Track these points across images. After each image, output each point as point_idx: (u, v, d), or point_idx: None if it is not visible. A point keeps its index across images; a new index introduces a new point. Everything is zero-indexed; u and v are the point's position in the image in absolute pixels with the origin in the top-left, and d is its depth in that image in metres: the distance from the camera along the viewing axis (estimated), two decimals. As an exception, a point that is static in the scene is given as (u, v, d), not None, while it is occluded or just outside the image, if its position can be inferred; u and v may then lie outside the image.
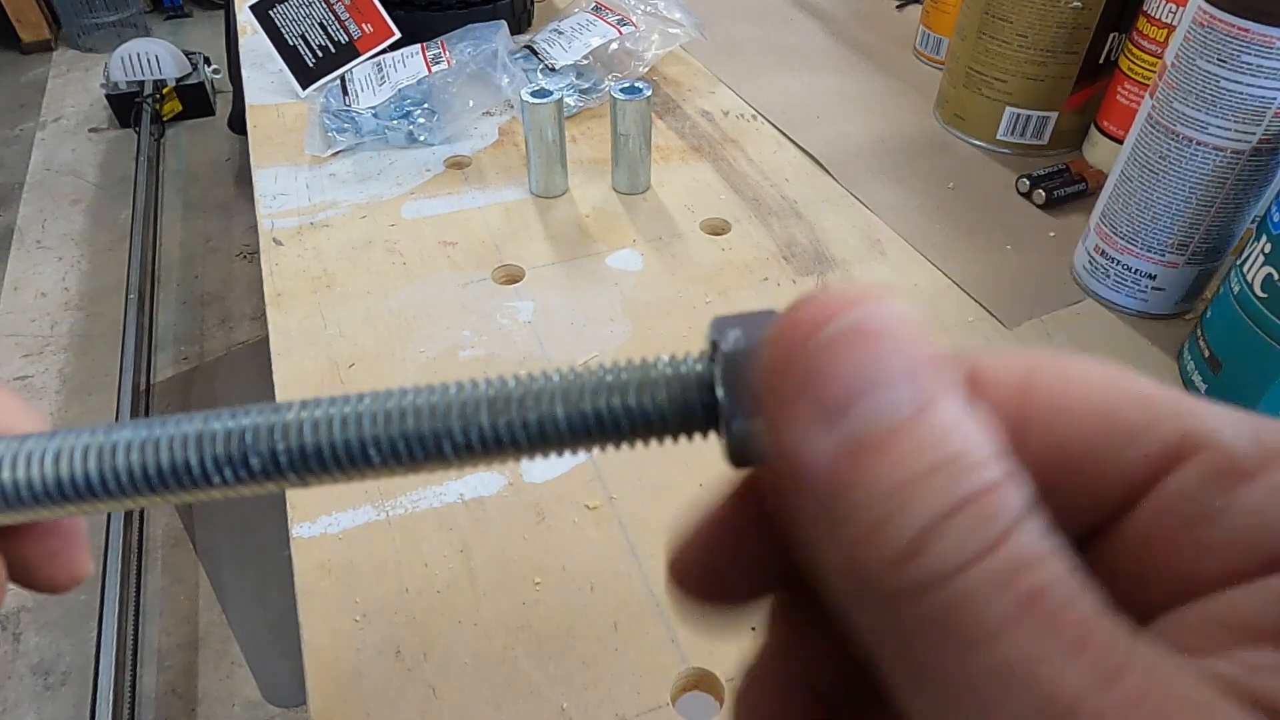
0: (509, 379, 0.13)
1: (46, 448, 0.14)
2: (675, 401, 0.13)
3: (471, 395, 0.13)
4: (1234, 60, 0.39)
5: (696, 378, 0.13)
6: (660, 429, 0.14)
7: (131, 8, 2.60)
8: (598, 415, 0.13)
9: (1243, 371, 0.40)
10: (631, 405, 0.13)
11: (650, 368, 0.13)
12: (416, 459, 0.13)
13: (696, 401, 0.13)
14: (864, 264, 0.53)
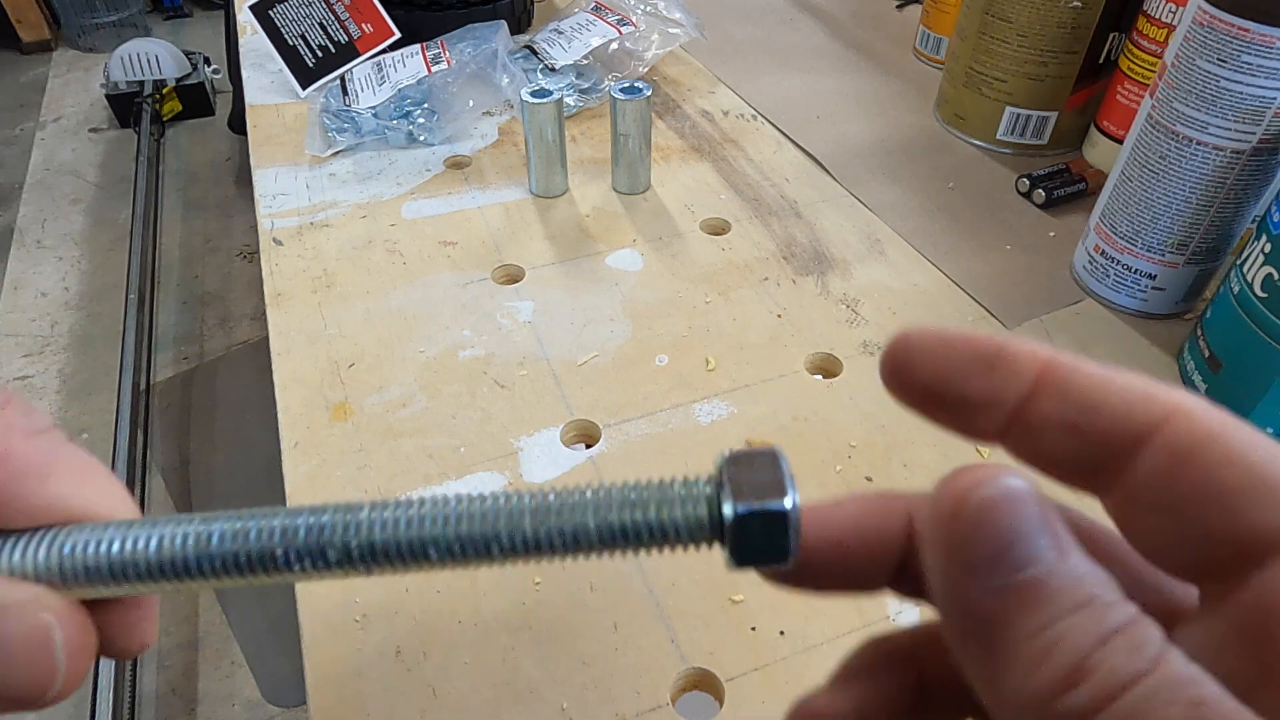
0: (549, 493, 0.16)
1: (153, 533, 0.16)
2: (689, 518, 0.15)
3: (517, 506, 0.16)
4: (1234, 60, 0.39)
5: (707, 498, 0.15)
6: (674, 540, 0.16)
7: (131, 8, 2.60)
8: (623, 527, 0.15)
9: (1243, 371, 0.40)
10: (652, 520, 0.15)
11: (667, 488, 0.16)
12: (467, 557, 0.16)
13: (706, 518, 0.15)
14: (864, 264, 0.53)
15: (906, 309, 0.49)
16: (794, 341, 0.47)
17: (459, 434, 0.42)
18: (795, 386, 0.44)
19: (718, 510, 0.15)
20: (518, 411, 0.43)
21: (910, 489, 0.18)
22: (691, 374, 0.45)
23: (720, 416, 0.42)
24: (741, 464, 0.15)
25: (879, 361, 0.18)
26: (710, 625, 0.34)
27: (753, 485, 0.15)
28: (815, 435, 0.42)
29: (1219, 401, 0.34)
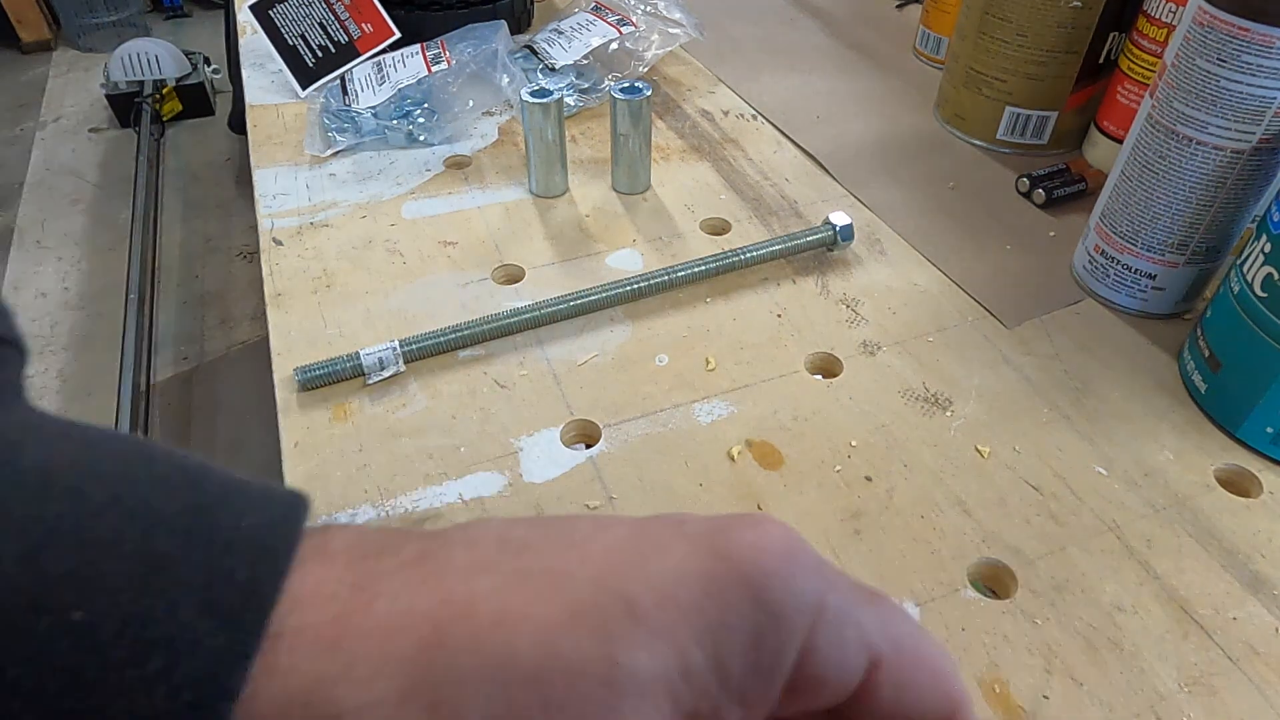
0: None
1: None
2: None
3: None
4: (1234, 60, 0.39)
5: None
6: None
7: (131, 8, 2.60)
8: None
9: (1243, 371, 0.40)
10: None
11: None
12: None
13: None
14: (864, 264, 0.53)
15: (906, 309, 0.49)
16: (794, 341, 0.47)
17: (459, 434, 0.42)
18: (795, 386, 0.44)
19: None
20: (518, 411, 0.43)
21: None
22: (691, 374, 0.45)
23: (720, 416, 0.42)
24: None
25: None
26: (710, 625, 0.34)
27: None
28: (815, 435, 0.42)
29: (1219, 401, 0.34)
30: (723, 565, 0.16)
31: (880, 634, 0.17)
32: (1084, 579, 0.35)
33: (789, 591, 0.16)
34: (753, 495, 0.39)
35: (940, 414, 0.43)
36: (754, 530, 0.17)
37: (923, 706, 0.18)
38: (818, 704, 0.17)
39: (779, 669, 0.16)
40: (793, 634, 0.16)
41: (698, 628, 0.15)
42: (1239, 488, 0.40)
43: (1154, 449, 0.41)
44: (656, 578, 0.16)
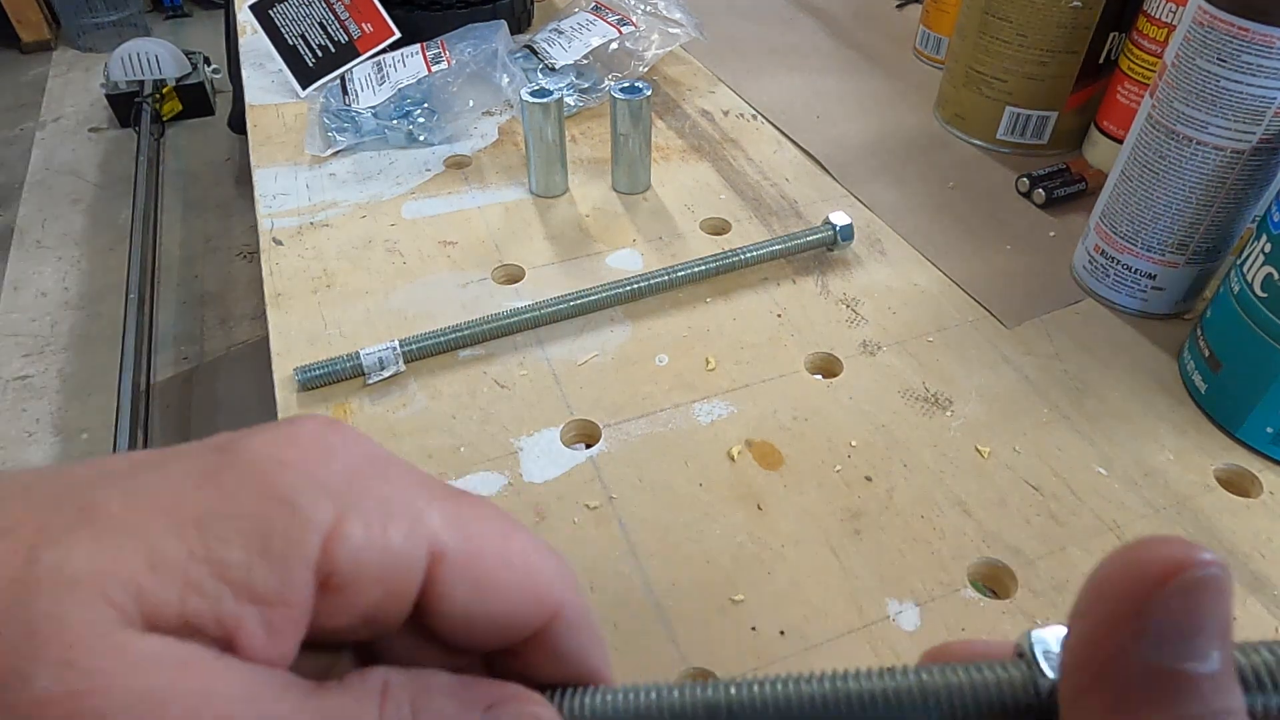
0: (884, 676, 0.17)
1: (651, 697, 0.17)
2: (1015, 698, 0.16)
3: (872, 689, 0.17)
4: (1234, 60, 0.39)
5: (1028, 680, 0.16)
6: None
7: (131, 7, 2.60)
8: (950, 712, 0.16)
9: (1243, 371, 0.40)
10: (983, 704, 0.16)
11: (978, 671, 0.16)
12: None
13: (1030, 698, 0.16)
14: (864, 264, 0.53)
15: (906, 309, 0.49)
16: (794, 341, 0.47)
17: (459, 434, 0.42)
18: (795, 386, 0.44)
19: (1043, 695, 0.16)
20: (518, 411, 0.43)
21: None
22: (691, 374, 0.45)
23: (720, 416, 0.42)
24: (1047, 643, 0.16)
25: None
26: (710, 625, 0.34)
27: None
28: (815, 435, 0.42)
29: (1219, 401, 0.34)
30: (225, 459, 0.15)
31: (447, 528, 0.16)
32: (1084, 579, 0.35)
33: (306, 477, 0.15)
34: (753, 495, 0.39)
35: (940, 414, 0.43)
36: (277, 428, 0.16)
37: (511, 606, 0.17)
38: (372, 600, 0.16)
39: (295, 557, 0.14)
40: (309, 520, 0.15)
41: (178, 520, 0.14)
42: (1239, 488, 0.40)
43: (1154, 449, 0.41)
44: (140, 481, 0.15)
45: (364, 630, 0.16)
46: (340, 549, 0.15)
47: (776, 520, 0.38)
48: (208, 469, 0.15)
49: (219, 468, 0.15)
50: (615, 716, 0.17)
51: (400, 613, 0.16)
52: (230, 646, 0.14)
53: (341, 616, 0.15)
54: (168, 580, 0.14)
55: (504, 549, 0.17)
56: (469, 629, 0.17)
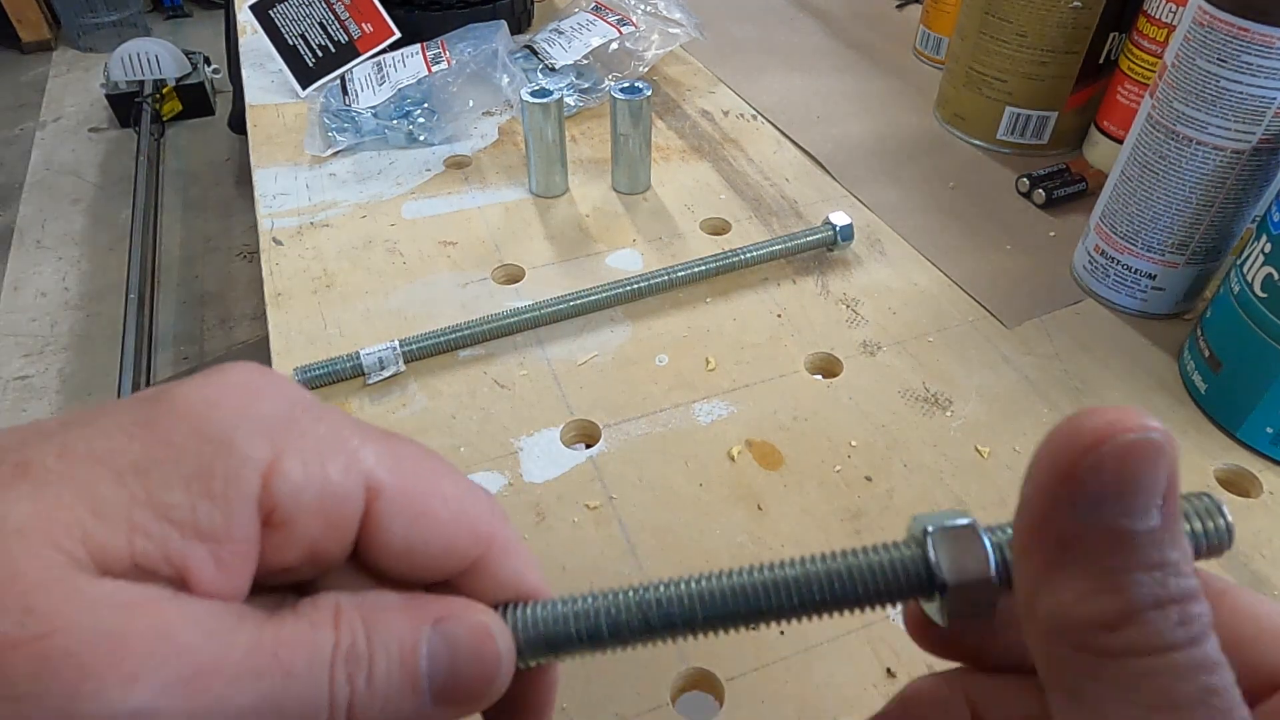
0: (786, 567, 0.19)
1: (581, 609, 0.18)
2: (908, 576, 0.18)
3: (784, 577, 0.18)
4: (1234, 60, 0.39)
5: (918, 559, 0.17)
6: (889, 598, 0.18)
7: (131, 7, 2.60)
8: (854, 592, 0.18)
9: (1243, 371, 0.40)
10: (880, 584, 0.18)
11: (876, 553, 0.18)
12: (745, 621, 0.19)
13: (921, 577, 0.17)
14: (864, 264, 0.53)
15: (906, 309, 0.49)
16: (794, 341, 0.47)
17: (459, 434, 0.42)
18: (795, 386, 0.44)
19: (929, 569, 0.17)
20: (518, 411, 0.43)
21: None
22: (691, 374, 0.45)
23: (720, 416, 0.42)
24: (948, 537, 0.17)
25: (906, 621, 0.20)
26: (710, 625, 0.34)
27: (960, 559, 0.17)
28: (815, 435, 0.42)
29: (1219, 401, 0.35)
30: (159, 408, 0.15)
31: (382, 464, 0.17)
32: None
33: (240, 418, 0.15)
34: (753, 495, 0.39)
35: (940, 414, 0.43)
36: (206, 375, 0.16)
37: (448, 537, 0.17)
38: (314, 534, 0.16)
39: (236, 495, 0.15)
40: (247, 458, 0.15)
41: (117, 467, 0.14)
42: (1239, 488, 0.40)
43: (1154, 449, 0.41)
44: (73, 435, 0.15)
45: (309, 568, 0.17)
46: (280, 484, 0.15)
47: (776, 520, 0.38)
48: (140, 419, 0.15)
49: (152, 416, 0.15)
50: (555, 620, 0.18)
51: (342, 547, 0.17)
52: (184, 584, 0.15)
53: (286, 552, 0.16)
54: (113, 525, 0.14)
55: (437, 484, 0.18)
56: (409, 562, 0.17)
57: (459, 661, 0.17)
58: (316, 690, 0.15)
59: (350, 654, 0.16)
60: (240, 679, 0.14)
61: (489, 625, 0.18)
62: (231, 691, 0.14)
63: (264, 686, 0.15)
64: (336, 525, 0.16)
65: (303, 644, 0.15)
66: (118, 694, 0.13)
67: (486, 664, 0.17)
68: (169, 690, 0.13)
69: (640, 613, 0.18)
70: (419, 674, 0.16)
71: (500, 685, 0.18)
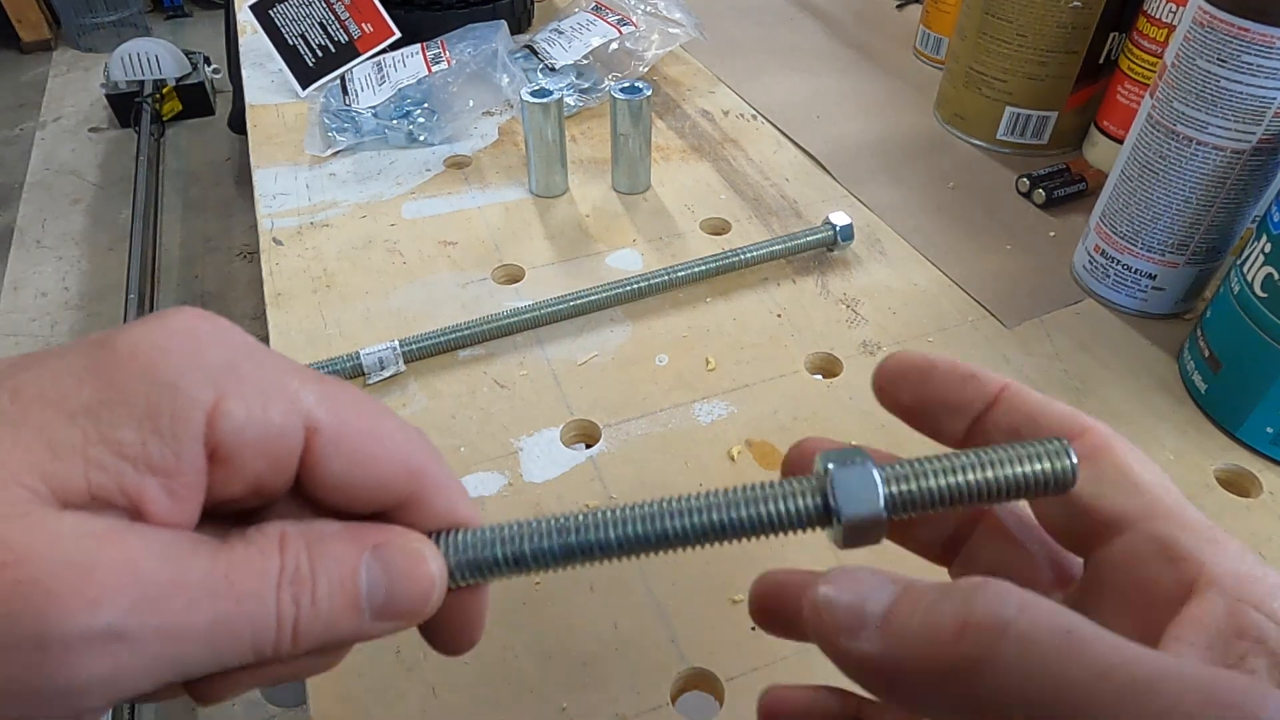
0: (689, 499, 0.20)
1: (509, 535, 0.20)
2: (805, 508, 0.20)
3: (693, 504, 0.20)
4: (1234, 60, 0.39)
5: (815, 489, 0.20)
6: (788, 526, 0.20)
7: (131, 7, 2.60)
8: (756, 518, 0.20)
9: (1243, 371, 0.40)
10: (779, 511, 0.20)
11: (778, 486, 0.20)
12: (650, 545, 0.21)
13: (817, 507, 0.20)
14: (864, 264, 0.53)
15: (906, 309, 0.49)
16: (794, 341, 0.47)
17: (459, 434, 0.42)
18: (795, 386, 0.44)
19: (824, 500, 0.19)
20: (518, 411, 0.43)
21: None
22: (691, 374, 0.45)
23: (720, 416, 0.42)
24: (835, 459, 0.20)
25: (874, 372, 0.23)
26: (710, 625, 0.34)
27: (854, 491, 0.19)
28: (815, 435, 0.41)
29: (1219, 401, 0.35)
30: (107, 354, 0.16)
31: (320, 406, 0.18)
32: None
33: (185, 361, 0.16)
34: (753, 495, 0.39)
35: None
36: (149, 321, 0.17)
37: (382, 473, 0.19)
38: (258, 469, 0.17)
39: (184, 433, 0.16)
40: (192, 399, 0.16)
41: (70, 410, 0.15)
42: (1239, 488, 0.40)
43: (1154, 449, 0.41)
44: (23, 379, 0.16)
45: (253, 499, 0.18)
46: (223, 424, 0.17)
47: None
48: (89, 363, 0.16)
49: (100, 361, 0.16)
50: (483, 544, 0.20)
51: (284, 480, 0.18)
52: (139, 514, 0.16)
53: (231, 485, 0.17)
54: (70, 463, 0.15)
55: (373, 425, 0.19)
56: (346, 495, 0.19)
57: (395, 583, 0.18)
58: (265, 610, 0.17)
59: (295, 577, 0.17)
60: (196, 601, 0.16)
61: (423, 550, 0.19)
62: (189, 612, 0.16)
63: (218, 607, 0.16)
64: (277, 461, 0.17)
65: (252, 569, 0.17)
66: (84, 616, 0.14)
67: (420, 585, 0.19)
68: (132, 612, 0.15)
69: (559, 537, 0.20)
70: (359, 595, 0.18)
71: (433, 604, 0.19)
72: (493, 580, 0.21)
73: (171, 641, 0.15)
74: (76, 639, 0.14)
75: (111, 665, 0.15)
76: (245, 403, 0.17)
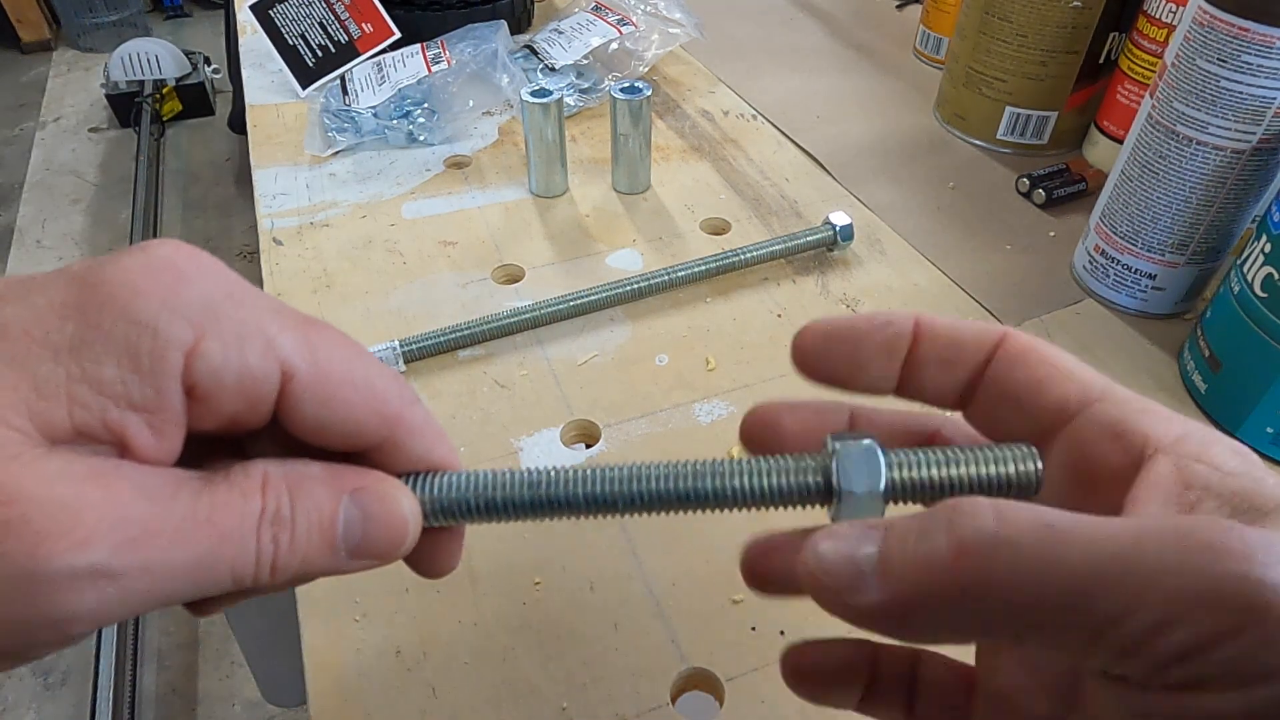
0: (693, 464, 0.21)
1: (487, 481, 0.21)
2: (809, 483, 0.21)
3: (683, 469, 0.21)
4: (1234, 60, 0.39)
5: (820, 467, 0.21)
6: (791, 501, 0.21)
7: (131, 7, 2.60)
8: (760, 490, 0.21)
9: (1243, 371, 0.40)
10: (789, 484, 0.21)
11: (790, 460, 0.21)
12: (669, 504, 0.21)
13: (818, 484, 0.21)
14: (864, 264, 0.53)
15: (906, 309, 0.49)
16: (794, 341, 0.47)
17: (459, 434, 0.42)
18: (795, 386, 0.44)
19: (827, 478, 0.20)
20: (518, 411, 0.43)
21: None
22: (691, 374, 0.45)
23: (720, 416, 0.42)
24: (841, 438, 0.21)
25: (795, 346, 0.24)
26: (710, 625, 0.34)
27: (859, 471, 0.20)
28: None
29: (1219, 401, 0.36)
30: (88, 292, 0.17)
31: (297, 351, 0.18)
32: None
33: (163, 303, 0.17)
34: (753, 495, 0.39)
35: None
36: (133, 256, 0.17)
37: (356, 417, 0.19)
38: (234, 408, 0.18)
39: (162, 371, 0.17)
40: (170, 340, 0.17)
41: (55, 346, 0.16)
42: (1239, 488, 0.40)
43: (1154, 449, 0.41)
44: (6, 315, 0.16)
45: (232, 431, 0.19)
46: (200, 365, 0.17)
47: (777, 520, 0.38)
48: (71, 300, 0.17)
49: (81, 301, 0.17)
50: (456, 489, 0.21)
51: (260, 418, 0.19)
52: (124, 449, 0.17)
53: (209, 420, 0.18)
54: (55, 400, 0.16)
55: (349, 370, 0.19)
56: (321, 436, 0.19)
57: (370, 527, 0.20)
58: (245, 549, 0.18)
59: (275, 518, 0.18)
60: (179, 540, 0.17)
61: (399, 496, 0.20)
62: (172, 550, 0.16)
63: (200, 546, 0.17)
64: (253, 402, 0.18)
65: (233, 509, 0.18)
66: (72, 556, 0.15)
67: (395, 529, 0.20)
68: (118, 551, 0.16)
69: (530, 490, 0.21)
70: (336, 536, 0.19)
71: (407, 545, 0.20)
72: (466, 523, 0.22)
73: (154, 577, 0.16)
74: (65, 576, 0.15)
75: (97, 599, 0.15)
76: (222, 345, 0.17)
